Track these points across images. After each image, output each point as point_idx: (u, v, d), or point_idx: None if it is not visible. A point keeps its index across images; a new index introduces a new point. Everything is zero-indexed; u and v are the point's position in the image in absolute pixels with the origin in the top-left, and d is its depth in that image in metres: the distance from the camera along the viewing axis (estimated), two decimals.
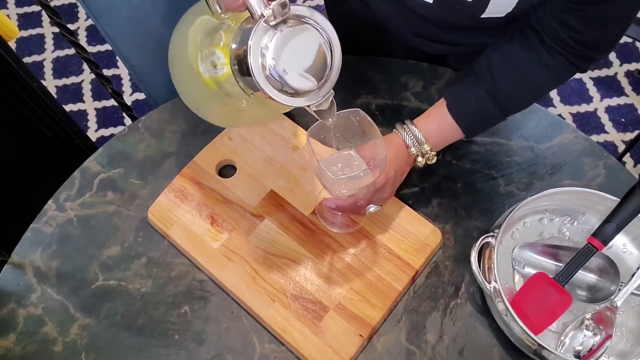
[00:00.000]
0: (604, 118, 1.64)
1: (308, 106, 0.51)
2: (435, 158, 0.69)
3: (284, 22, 0.48)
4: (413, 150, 0.68)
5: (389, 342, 0.68)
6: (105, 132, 1.69)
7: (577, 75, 1.70)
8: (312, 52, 0.49)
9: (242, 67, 0.49)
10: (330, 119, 0.55)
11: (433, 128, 0.68)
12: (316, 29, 0.49)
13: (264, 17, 0.47)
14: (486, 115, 0.67)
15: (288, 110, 0.67)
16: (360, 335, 0.66)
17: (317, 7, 1.83)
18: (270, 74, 0.48)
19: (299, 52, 0.48)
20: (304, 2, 1.88)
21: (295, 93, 0.49)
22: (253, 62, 0.47)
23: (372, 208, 0.66)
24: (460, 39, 0.75)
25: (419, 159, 0.69)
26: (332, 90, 0.51)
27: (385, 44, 0.87)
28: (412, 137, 0.67)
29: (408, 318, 0.69)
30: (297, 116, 0.81)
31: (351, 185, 0.63)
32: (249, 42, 0.47)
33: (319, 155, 0.62)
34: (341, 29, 0.96)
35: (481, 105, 0.66)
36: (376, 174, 0.62)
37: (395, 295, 0.68)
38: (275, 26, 0.47)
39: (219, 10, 0.52)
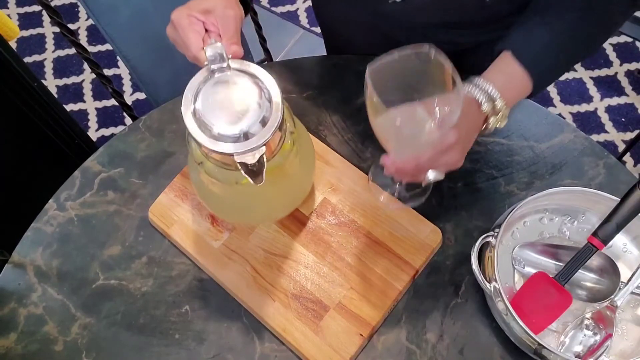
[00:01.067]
0: (604, 118, 1.64)
1: (232, 157, 0.49)
2: (506, 120, 0.62)
3: (228, 69, 0.50)
4: (485, 107, 0.59)
5: (389, 342, 0.68)
6: (105, 131, 1.70)
7: (577, 75, 1.70)
8: (241, 101, 0.49)
9: None
10: (256, 182, 0.51)
11: (502, 82, 0.60)
12: (258, 84, 0.50)
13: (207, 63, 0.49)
14: (556, 61, 0.62)
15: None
16: (361, 335, 0.66)
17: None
18: (195, 112, 0.49)
19: (228, 98, 0.49)
20: (303, 1, 1.88)
21: (217, 137, 0.48)
22: (184, 99, 0.49)
23: (432, 175, 0.58)
24: (456, 38, 0.74)
25: (491, 119, 0.61)
26: (263, 149, 0.49)
27: (377, 44, 0.87)
28: (483, 93, 0.59)
29: (408, 317, 0.69)
30: (298, 116, 0.81)
31: (415, 141, 0.55)
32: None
33: (377, 104, 0.51)
34: (330, 30, 0.96)
35: (550, 49, 0.60)
36: (446, 131, 0.54)
37: (396, 295, 0.68)
38: (214, 71, 0.50)
39: None
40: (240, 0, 0.64)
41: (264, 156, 0.49)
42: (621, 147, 1.59)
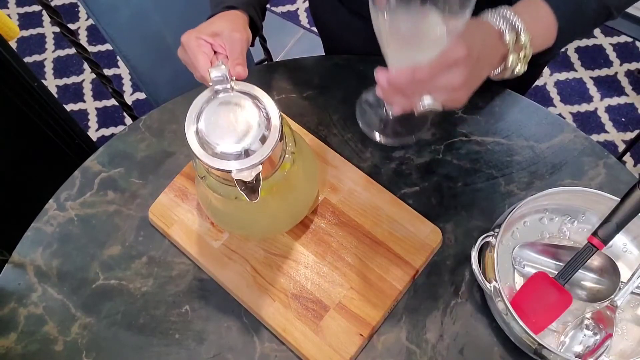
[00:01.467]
0: (604, 117, 1.64)
1: (231, 175, 0.50)
2: (526, 66, 0.56)
3: (231, 90, 0.52)
4: (507, 37, 0.53)
5: (390, 341, 0.68)
6: (105, 131, 1.70)
7: (577, 75, 1.70)
8: (240, 122, 0.51)
9: None
10: (251, 199, 0.51)
11: (528, 18, 0.55)
12: (258, 106, 0.52)
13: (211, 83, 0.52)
14: (582, 9, 0.57)
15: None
16: (361, 335, 0.66)
17: None
18: (197, 131, 0.51)
19: (228, 118, 0.51)
20: (303, 1, 1.88)
21: (217, 155, 0.50)
22: (188, 117, 0.51)
23: (427, 101, 0.52)
24: None
25: (511, 57, 0.55)
26: (259, 167, 0.50)
27: (378, 47, 0.86)
28: (507, 22, 0.54)
29: (408, 317, 0.69)
30: (297, 116, 0.81)
31: (418, 45, 0.50)
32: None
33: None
34: (329, 33, 0.96)
35: None
36: (454, 41, 0.49)
37: (396, 295, 0.68)
38: (218, 92, 0.52)
39: None
40: (250, 25, 0.68)
41: (260, 175, 0.50)
42: (621, 147, 1.59)
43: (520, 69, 0.56)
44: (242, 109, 0.51)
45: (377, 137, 0.68)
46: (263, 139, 0.51)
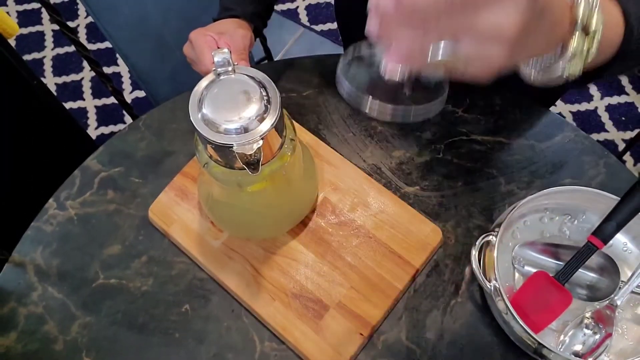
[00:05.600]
0: (605, 117, 1.64)
1: (232, 150, 0.51)
2: (590, 57, 0.40)
3: (233, 73, 0.54)
4: (580, 10, 0.38)
5: (390, 341, 0.68)
6: (105, 129, 1.70)
7: None
8: (241, 99, 0.53)
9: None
10: (252, 173, 0.52)
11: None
12: (258, 85, 0.53)
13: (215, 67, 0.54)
14: None
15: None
16: (361, 334, 0.66)
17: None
18: (199, 110, 0.52)
19: (229, 96, 0.53)
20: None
21: (218, 130, 0.51)
22: (191, 98, 0.53)
23: (445, 49, 0.33)
24: None
25: (575, 39, 0.38)
26: (260, 140, 0.51)
27: None
28: None
29: (408, 316, 0.69)
30: (297, 115, 0.81)
31: None
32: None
33: None
34: (349, 23, 0.96)
35: None
36: None
37: (396, 294, 0.68)
38: (220, 74, 0.54)
39: None
40: (253, 29, 0.73)
41: (261, 149, 0.52)
42: (621, 146, 1.59)
43: (578, 65, 0.39)
44: (242, 88, 0.54)
45: (368, 104, 0.44)
46: (263, 117, 0.53)
